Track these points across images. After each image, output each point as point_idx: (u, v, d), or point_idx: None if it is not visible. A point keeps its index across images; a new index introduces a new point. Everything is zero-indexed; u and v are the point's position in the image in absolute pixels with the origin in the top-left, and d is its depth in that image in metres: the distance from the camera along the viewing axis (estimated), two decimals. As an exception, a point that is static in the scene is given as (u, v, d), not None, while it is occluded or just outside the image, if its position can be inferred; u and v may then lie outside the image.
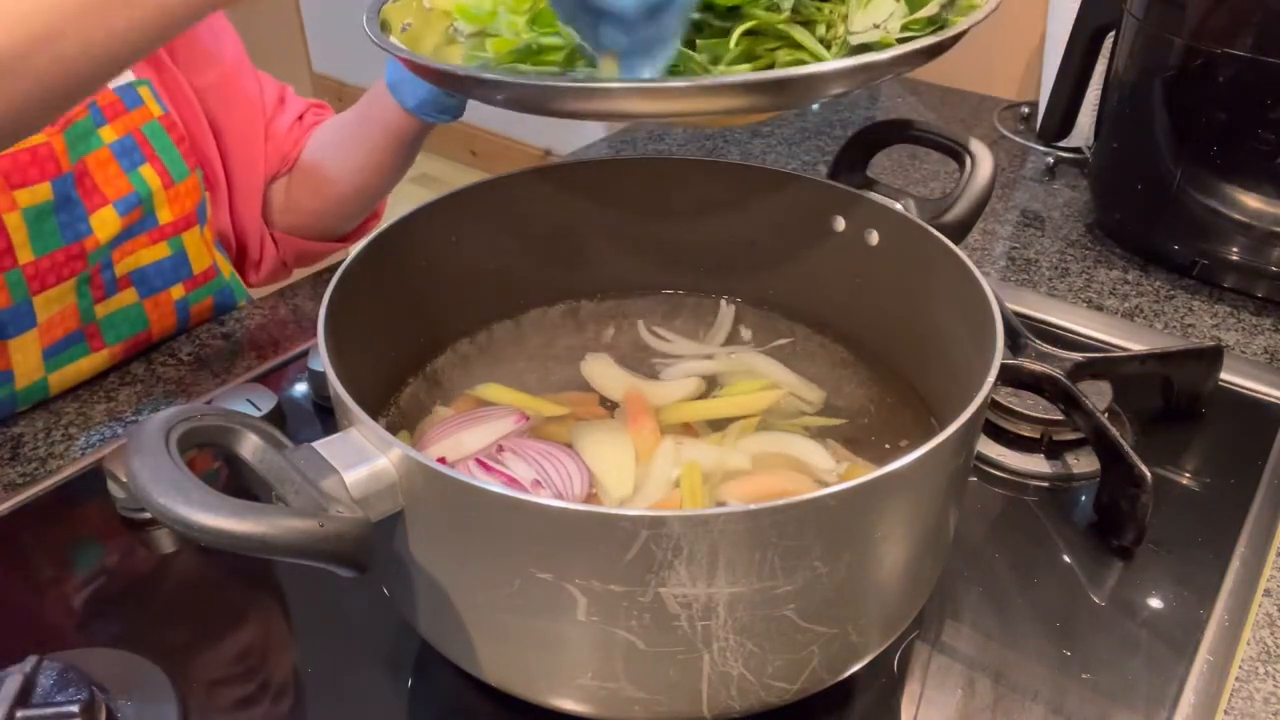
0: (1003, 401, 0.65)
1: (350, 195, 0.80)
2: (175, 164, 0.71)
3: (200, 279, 0.75)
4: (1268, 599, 0.55)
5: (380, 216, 0.87)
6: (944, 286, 0.53)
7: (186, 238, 0.73)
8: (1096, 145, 0.96)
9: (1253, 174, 0.79)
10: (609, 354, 0.63)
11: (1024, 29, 1.17)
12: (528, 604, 0.39)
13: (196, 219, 0.74)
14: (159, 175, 0.70)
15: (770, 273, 0.65)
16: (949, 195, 0.58)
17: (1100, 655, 0.52)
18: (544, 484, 0.52)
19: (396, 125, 0.73)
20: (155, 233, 0.71)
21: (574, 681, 0.41)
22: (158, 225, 0.71)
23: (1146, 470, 0.55)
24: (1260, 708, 0.49)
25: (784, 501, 0.35)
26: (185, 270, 0.74)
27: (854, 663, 0.44)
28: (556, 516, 0.36)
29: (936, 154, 0.62)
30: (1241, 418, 0.69)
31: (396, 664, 0.51)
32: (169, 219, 0.71)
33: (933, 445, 0.38)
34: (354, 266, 0.50)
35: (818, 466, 0.55)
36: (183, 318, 0.76)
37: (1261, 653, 0.52)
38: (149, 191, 0.69)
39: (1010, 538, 0.59)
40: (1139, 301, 0.83)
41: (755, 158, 1.06)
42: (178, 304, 0.74)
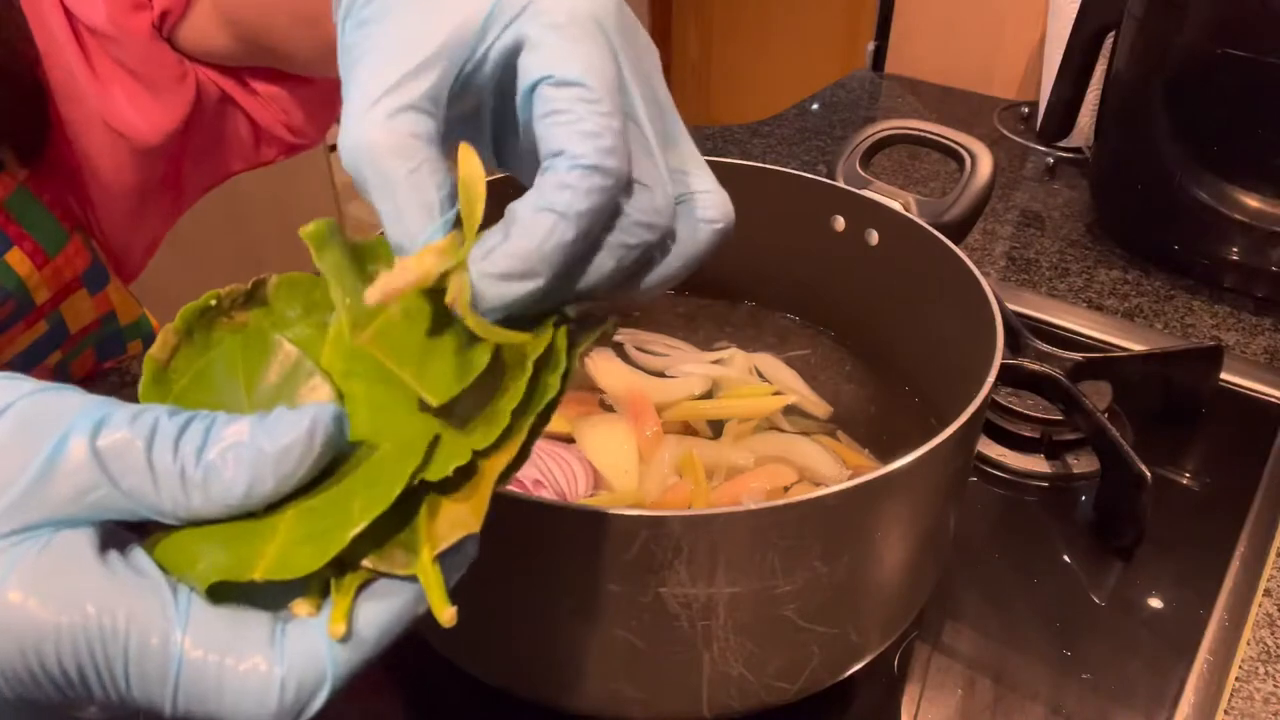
0: (1003, 401, 0.65)
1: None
2: (50, 234, 0.60)
3: (77, 336, 0.66)
4: (1268, 599, 0.55)
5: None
6: (944, 286, 0.53)
7: (65, 307, 0.63)
8: (1096, 145, 0.96)
9: (1253, 174, 0.79)
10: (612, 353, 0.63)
11: (1024, 29, 1.17)
12: (527, 604, 0.39)
13: (81, 284, 0.63)
14: (30, 257, 0.59)
15: (770, 272, 0.65)
16: (949, 195, 0.59)
17: (1100, 655, 0.52)
18: (545, 483, 0.52)
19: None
20: (33, 315, 0.61)
21: (574, 681, 0.41)
22: (35, 307, 0.61)
23: (1146, 470, 0.55)
24: (1260, 708, 0.49)
25: (784, 501, 0.35)
26: (61, 335, 0.65)
27: (854, 663, 0.44)
28: (556, 516, 0.36)
29: (936, 154, 0.62)
30: (1241, 418, 0.69)
31: (396, 664, 0.51)
32: (46, 297, 0.61)
33: (933, 445, 0.38)
34: (354, 266, 0.50)
35: (819, 467, 0.55)
36: (63, 380, 0.66)
37: (1261, 653, 0.52)
38: (18, 280, 0.58)
39: (1010, 538, 0.59)
40: (1139, 301, 0.83)
41: (755, 157, 1.06)
42: (55, 369, 0.67)
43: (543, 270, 0.28)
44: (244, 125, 0.65)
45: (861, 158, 0.63)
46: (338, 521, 0.26)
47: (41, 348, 0.64)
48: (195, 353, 0.31)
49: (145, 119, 0.59)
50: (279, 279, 0.33)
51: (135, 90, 0.58)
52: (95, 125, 0.59)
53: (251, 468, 0.25)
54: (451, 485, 0.27)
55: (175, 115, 0.59)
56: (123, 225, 0.67)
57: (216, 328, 0.32)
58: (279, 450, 0.26)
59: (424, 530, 0.26)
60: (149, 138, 0.59)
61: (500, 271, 0.27)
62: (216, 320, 0.32)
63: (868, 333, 0.62)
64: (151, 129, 0.59)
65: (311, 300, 0.33)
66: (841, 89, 1.27)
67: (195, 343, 0.31)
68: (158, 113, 0.59)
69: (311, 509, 0.27)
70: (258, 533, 0.26)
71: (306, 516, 0.26)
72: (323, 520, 0.26)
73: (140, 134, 0.59)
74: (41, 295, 0.61)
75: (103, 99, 0.57)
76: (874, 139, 0.63)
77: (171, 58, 0.58)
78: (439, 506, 0.27)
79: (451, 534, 0.26)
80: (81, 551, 0.24)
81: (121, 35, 0.56)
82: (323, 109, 0.67)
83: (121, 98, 0.58)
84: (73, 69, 0.56)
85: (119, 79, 0.57)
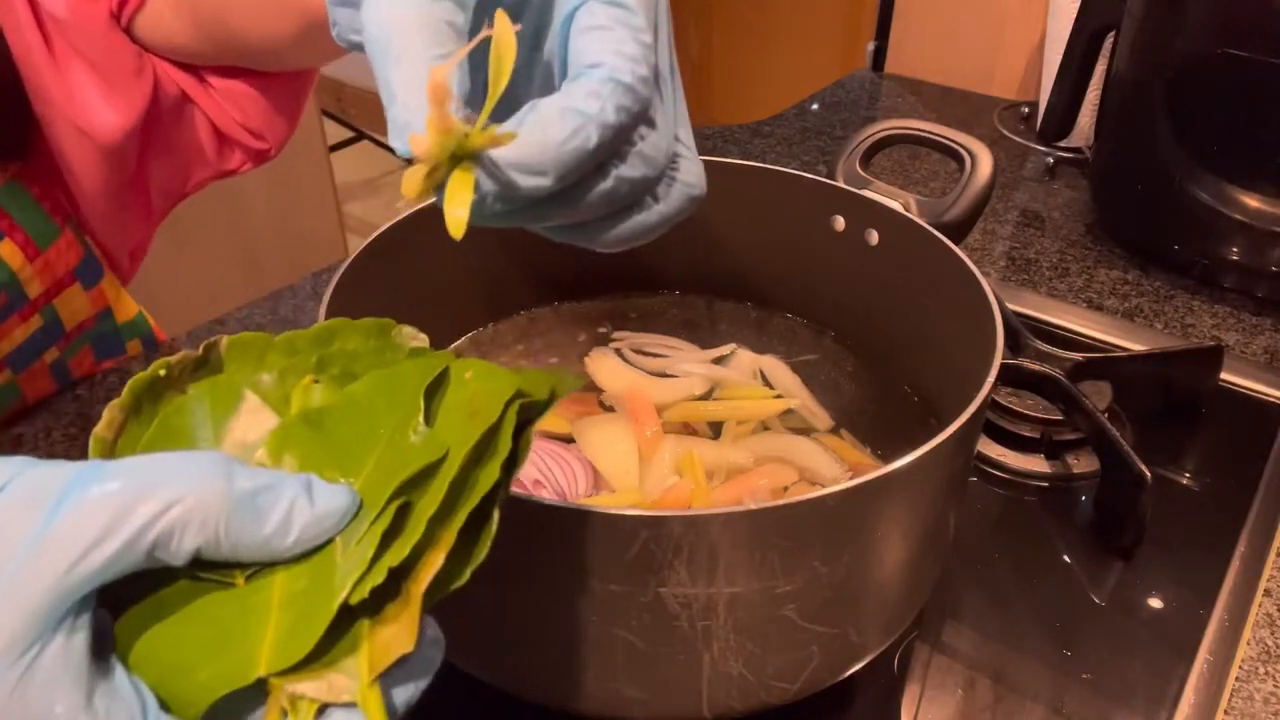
0: (1003, 401, 0.65)
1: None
2: (41, 227, 0.60)
3: (73, 333, 0.66)
4: (1268, 599, 0.55)
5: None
6: (944, 286, 0.53)
7: (59, 301, 0.64)
8: (1096, 145, 0.96)
9: (1253, 174, 0.79)
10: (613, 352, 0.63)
11: (1024, 29, 1.17)
12: (527, 604, 0.39)
13: (75, 279, 0.64)
14: (21, 249, 0.59)
15: (770, 272, 0.65)
16: (949, 195, 0.58)
17: (1100, 655, 0.52)
18: (546, 483, 0.52)
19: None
20: (26, 309, 0.61)
21: (574, 681, 0.41)
22: (28, 301, 0.61)
23: (1146, 470, 0.55)
24: (1260, 708, 0.49)
25: (784, 501, 0.35)
26: (57, 332, 0.65)
27: (854, 663, 0.44)
28: (556, 516, 0.36)
29: (936, 154, 0.62)
30: (1241, 418, 0.69)
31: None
32: (39, 290, 0.62)
33: (933, 445, 0.38)
34: (354, 266, 0.50)
35: (819, 467, 0.55)
36: (61, 378, 0.68)
37: (1261, 653, 0.52)
38: (10, 273, 0.59)
39: (1010, 538, 0.59)
40: (1139, 301, 0.83)
41: (755, 157, 1.06)
42: (52, 366, 0.66)
43: (553, 171, 0.27)
44: (204, 128, 0.64)
45: (861, 158, 0.63)
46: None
47: (36, 344, 0.64)
48: (143, 429, 0.30)
49: (104, 115, 0.57)
50: (230, 340, 0.32)
51: (94, 82, 0.57)
52: (64, 123, 0.58)
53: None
54: (378, 605, 0.26)
55: (134, 109, 0.58)
56: (104, 226, 0.66)
57: (165, 401, 0.30)
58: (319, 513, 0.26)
59: (364, 651, 0.26)
60: (110, 135, 0.58)
61: (514, 160, 0.27)
62: (166, 393, 0.31)
63: (868, 333, 0.62)
64: (111, 126, 0.58)
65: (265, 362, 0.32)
66: (841, 89, 1.27)
67: (144, 418, 0.30)
68: (117, 107, 0.58)
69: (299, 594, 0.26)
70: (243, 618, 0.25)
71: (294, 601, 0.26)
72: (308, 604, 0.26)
73: (101, 131, 0.58)
74: (34, 289, 0.61)
75: (65, 93, 0.57)
76: (874, 139, 0.63)
77: (130, 49, 0.58)
78: (373, 628, 0.26)
79: (386, 657, 0.26)
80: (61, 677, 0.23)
81: (80, 22, 0.55)
82: (282, 110, 0.66)
83: (82, 91, 0.57)
84: (37, 61, 0.56)
85: (79, 70, 0.57)
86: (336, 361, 0.32)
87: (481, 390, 0.29)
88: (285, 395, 0.31)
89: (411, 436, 0.29)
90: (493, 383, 0.29)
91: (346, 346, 0.33)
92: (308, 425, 0.30)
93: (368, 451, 0.29)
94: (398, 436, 0.29)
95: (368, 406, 0.30)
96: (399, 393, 0.30)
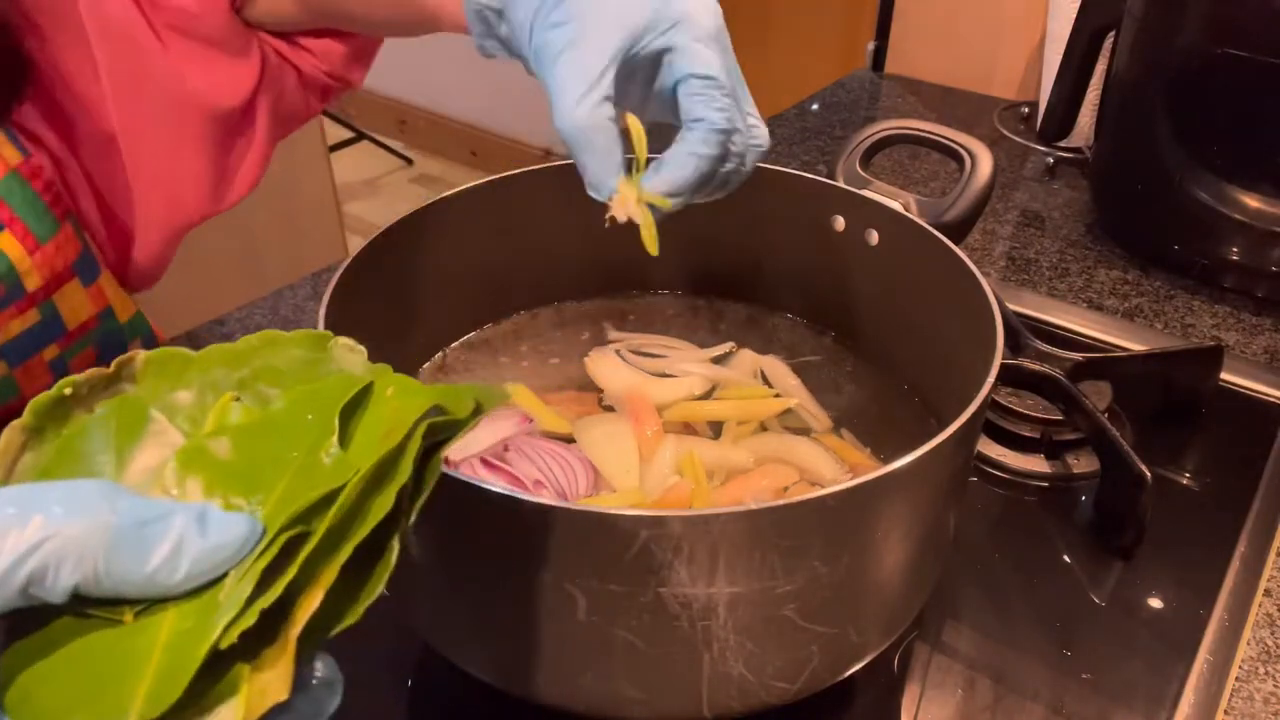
0: (1003, 401, 0.65)
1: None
2: (40, 220, 0.61)
3: (76, 333, 0.66)
4: (1268, 599, 0.55)
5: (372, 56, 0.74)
6: (944, 286, 0.53)
7: (58, 297, 0.64)
8: (1096, 145, 0.96)
9: (1253, 174, 0.79)
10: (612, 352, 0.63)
11: (1024, 29, 1.17)
12: (528, 604, 0.39)
13: (74, 274, 0.64)
14: (20, 241, 0.60)
15: (770, 272, 0.65)
16: (949, 195, 0.58)
17: (1100, 655, 0.52)
18: (546, 483, 0.52)
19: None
20: (24, 302, 0.62)
21: (574, 681, 0.41)
22: (26, 294, 0.61)
23: (1146, 470, 0.55)
24: (1260, 708, 0.49)
25: (784, 501, 0.35)
26: (58, 329, 0.65)
27: (854, 663, 0.44)
28: (556, 516, 0.36)
29: (936, 154, 0.62)
30: (1241, 418, 0.69)
31: (397, 664, 0.51)
32: (38, 284, 0.62)
33: (933, 445, 0.38)
34: (354, 266, 0.50)
35: (820, 467, 0.55)
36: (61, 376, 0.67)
37: (1261, 653, 0.52)
38: (8, 265, 0.60)
39: (1010, 538, 0.59)
40: (1139, 301, 0.83)
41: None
42: (52, 364, 0.66)
43: (686, 193, 0.45)
44: (292, 77, 0.70)
45: (861, 158, 0.63)
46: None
47: (35, 339, 0.64)
48: (45, 452, 0.28)
49: (222, 83, 0.65)
50: (147, 357, 0.31)
51: (211, 58, 0.64)
52: (160, 100, 0.63)
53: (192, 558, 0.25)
54: (256, 648, 0.25)
55: (251, 75, 0.66)
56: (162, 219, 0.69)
57: (72, 421, 0.29)
58: (210, 547, 0.25)
59: (241, 698, 0.24)
60: (231, 100, 0.65)
61: (662, 191, 0.44)
62: (73, 412, 0.29)
63: (868, 333, 0.62)
64: (228, 93, 0.65)
65: (184, 378, 0.31)
66: (841, 89, 1.27)
67: (47, 439, 0.28)
68: (236, 75, 0.65)
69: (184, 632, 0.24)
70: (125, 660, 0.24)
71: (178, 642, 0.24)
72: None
73: (224, 98, 0.65)
74: (32, 282, 0.62)
75: (172, 72, 0.63)
76: (874, 139, 0.63)
77: (241, 28, 0.65)
78: (252, 672, 0.25)
79: (262, 704, 0.24)
80: None
81: (205, 13, 0.62)
82: (357, 58, 0.72)
83: (194, 68, 0.63)
84: (139, 45, 0.62)
85: (191, 50, 0.63)
86: (262, 377, 0.31)
87: (400, 408, 0.28)
88: (203, 413, 0.30)
89: (324, 458, 0.27)
90: (411, 400, 0.28)
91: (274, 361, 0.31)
92: (219, 446, 0.28)
93: (280, 474, 0.27)
94: (311, 459, 0.27)
95: (285, 426, 0.28)
96: (318, 411, 0.28)
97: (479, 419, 0.29)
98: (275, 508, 0.26)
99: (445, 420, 0.28)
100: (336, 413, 0.28)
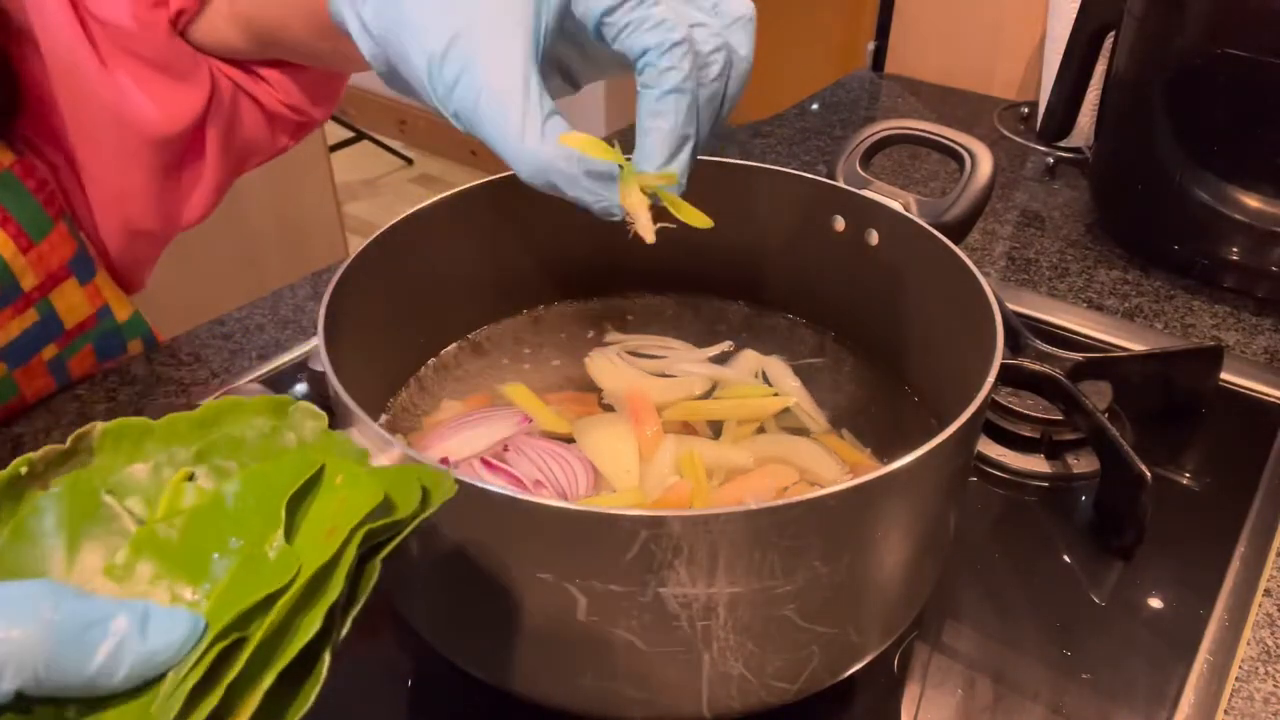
0: (1003, 401, 0.65)
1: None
2: (35, 219, 0.62)
3: (74, 332, 0.67)
4: (1268, 599, 0.55)
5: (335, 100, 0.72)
6: (944, 286, 0.53)
7: (55, 296, 0.65)
8: (1096, 145, 0.96)
9: (1253, 174, 0.79)
10: (613, 352, 0.63)
11: (1024, 29, 1.17)
12: (528, 604, 0.39)
13: (70, 273, 0.65)
14: (14, 240, 0.61)
15: (769, 272, 0.65)
16: (949, 195, 0.58)
17: (1100, 655, 0.52)
18: (546, 483, 0.52)
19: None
20: (21, 302, 0.62)
21: (574, 681, 0.41)
22: (22, 294, 0.62)
23: (1146, 470, 0.55)
24: (1260, 708, 0.49)
25: (784, 501, 0.35)
26: (56, 329, 0.66)
27: (854, 663, 0.44)
28: (556, 516, 0.36)
29: (936, 154, 0.62)
30: (1241, 418, 0.69)
31: (397, 664, 0.51)
32: (34, 283, 0.62)
33: (933, 445, 0.38)
34: (354, 266, 0.50)
35: (820, 468, 0.55)
36: (60, 377, 0.68)
37: (1261, 653, 0.52)
38: (2, 262, 0.60)
39: (1010, 538, 0.59)
40: (1139, 301, 0.83)
41: (755, 157, 1.06)
42: (50, 364, 0.67)
43: (690, 130, 0.38)
44: (250, 109, 0.67)
45: (861, 158, 0.63)
46: None
47: (33, 339, 0.64)
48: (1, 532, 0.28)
49: (165, 107, 0.61)
50: (104, 429, 0.30)
51: (154, 79, 0.61)
52: (106, 119, 0.61)
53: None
54: None
55: (197, 101, 0.63)
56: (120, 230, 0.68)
57: (27, 499, 0.29)
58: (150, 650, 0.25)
59: None
60: (171, 126, 0.62)
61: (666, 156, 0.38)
62: (28, 490, 0.29)
63: (868, 333, 0.62)
64: (171, 116, 0.62)
65: (142, 450, 0.30)
66: (841, 89, 1.27)
67: (1, 520, 0.28)
68: (180, 99, 0.62)
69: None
70: None
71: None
72: None
73: (161, 123, 0.62)
74: (28, 281, 0.62)
75: (116, 92, 0.60)
76: (874, 139, 0.63)
77: (187, 51, 0.62)
78: None
79: None
80: None
81: (143, 30, 0.59)
82: (321, 90, 0.69)
83: (139, 90, 0.60)
84: (84, 66, 0.59)
85: (136, 71, 0.60)
86: (220, 449, 0.30)
87: (347, 500, 0.27)
88: (159, 489, 0.29)
89: (269, 551, 0.27)
90: (358, 493, 0.27)
91: (233, 431, 0.31)
92: (169, 531, 0.28)
93: (226, 564, 0.27)
94: (256, 550, 0.27)
95: (234, 511, 0.28)
96: (267, 498, 0.28)
97: (424, 516, 0.28)
98: (222, 601, 0.26)
99: (386, 523, 0.27)
100: (284, 502, 0.27)
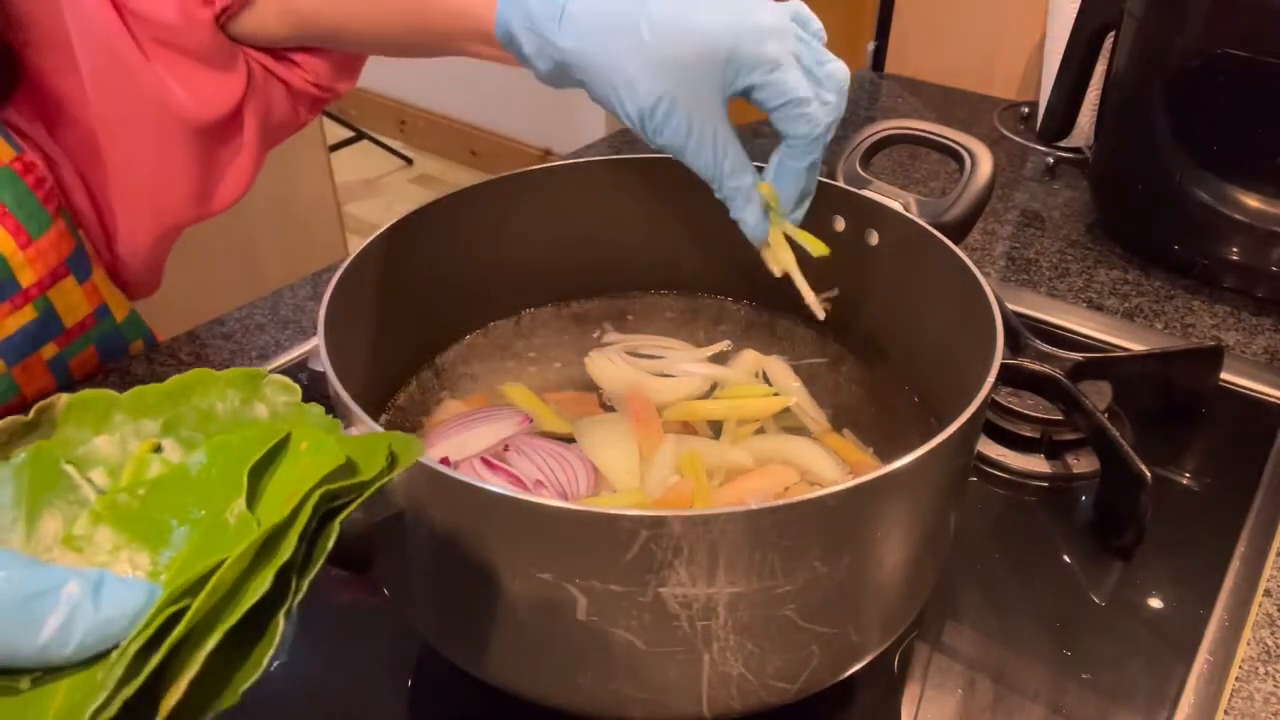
0: (1003, 401, 0.65)
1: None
2: (33, 215, 0.62)
3: (75, 331, 0.67)
4: (1268, 599, 0.55)
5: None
6: (944, 286, 0.53)
7: (54, 294, 0.64)
8: (1096, 145, 0.96)
9: (1253, 174, 0.79)
10: (613, 352, 0.63)
11: (1024, 29, 1.17)
12: (528, 604, 0.39)
13: (68, 270, 0.65)
14: (12, 236, 0.61)
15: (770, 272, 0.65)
16: (949, 195, 0.58)
17: (1100, 655, 0.52)
18: (547, 483, 0.52)
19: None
20: (18, 298, 0.62)
21: (574, 681, 0.41)
22: (20, 290, 0.62)
23: (1146, 470, 0.55)
24: (1260, 708, 0.49)
25: (784, 501, 0.35)
26: (55, 327, 0.65)
27: (854, 663, 0.44)
28: (556, 516, 0.36)
29: (936, 154, 0.62)
30: (1241, 418, 0.69)
31: (397, 664, 0.51)
32: (32, 280, 0.63)
33: (933, 445, 0.38)
34: (354, 266, 0.50)
35: (820, 468, 0.55)
36: (61, 376, 0.68)
37: (1261, 653, 0.52)
38: (1, 258, 0.60)
39: (1010, 538, 0.59)
40: (1139, 301, 0.83)
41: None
42: (51, 363, 0.67)
43: (814, 187, 0.54)
44: (280, 90, 0.69)
45: (861, 158, 0.63)
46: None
47: (32, 336, 0.64)
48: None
49: (207, 96, 0.64)
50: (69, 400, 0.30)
51: (196, 71, 0.64)
52: (142, 108, 0.63)
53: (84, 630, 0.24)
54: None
55: (237, 88, 0.65)
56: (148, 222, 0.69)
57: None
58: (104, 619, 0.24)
59: None
60: (208, 113, 0.65)
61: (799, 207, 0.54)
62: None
63: (868, 333, 0.62)
64: (212, 103, 0.65)
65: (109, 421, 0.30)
66: (841, 89, 1.27)
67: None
68: (221, 87, 0.65)
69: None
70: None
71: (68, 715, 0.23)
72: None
73: (199, 111, 0.64)
74: (26, 277, 0.62)
75: (156, 81, 0.62)
76: (874, 139, 0.63)
77: (226, 43, 0.65)
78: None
79: None
80: None
81: (188, 25, 0.62)
82: (346, 67, 0.71)
83: (181, 82, 0.63)
84: (127, 61, 0.61)
85: (174, 63, 0.63)
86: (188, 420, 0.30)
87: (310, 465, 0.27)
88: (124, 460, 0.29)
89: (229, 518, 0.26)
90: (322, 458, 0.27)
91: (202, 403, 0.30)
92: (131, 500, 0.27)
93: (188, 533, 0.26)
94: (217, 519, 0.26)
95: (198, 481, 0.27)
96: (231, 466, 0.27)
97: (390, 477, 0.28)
98: (178, 571, 0.26)
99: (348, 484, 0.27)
100: (246, 470, 0.27)
